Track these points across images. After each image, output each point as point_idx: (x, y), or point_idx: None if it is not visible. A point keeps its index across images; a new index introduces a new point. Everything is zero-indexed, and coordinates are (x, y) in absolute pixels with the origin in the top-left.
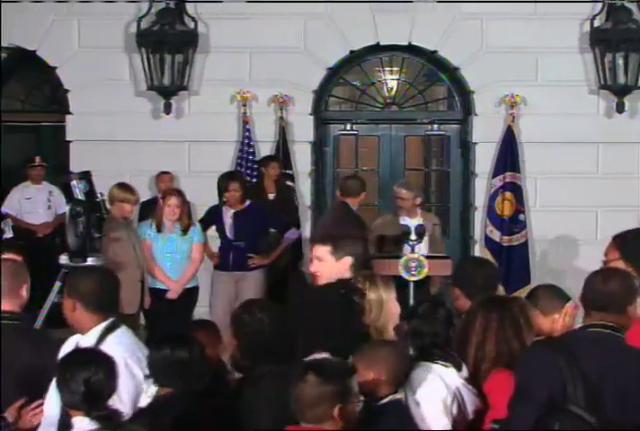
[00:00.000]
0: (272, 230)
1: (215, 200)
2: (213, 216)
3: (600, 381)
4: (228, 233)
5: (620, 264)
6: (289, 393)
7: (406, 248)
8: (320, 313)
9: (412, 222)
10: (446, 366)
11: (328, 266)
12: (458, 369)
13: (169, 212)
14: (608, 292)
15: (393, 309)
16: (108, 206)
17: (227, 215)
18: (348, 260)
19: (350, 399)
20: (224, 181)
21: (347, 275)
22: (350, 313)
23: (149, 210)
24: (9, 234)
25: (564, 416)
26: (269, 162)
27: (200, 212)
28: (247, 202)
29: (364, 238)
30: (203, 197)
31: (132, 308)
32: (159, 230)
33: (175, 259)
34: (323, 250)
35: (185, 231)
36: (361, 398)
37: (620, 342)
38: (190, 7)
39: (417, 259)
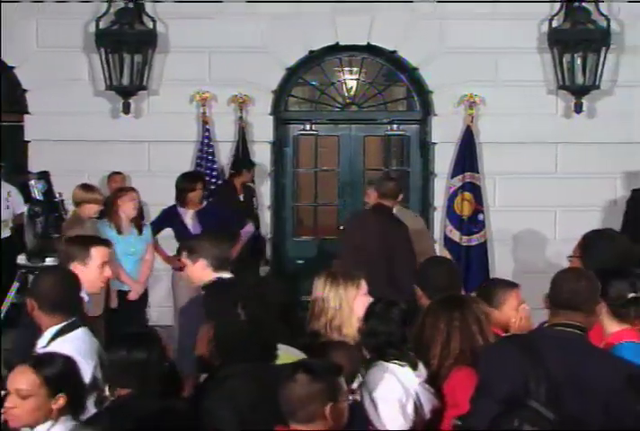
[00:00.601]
0: None
1: (171, 200)
2: (169, 218)
3: (563, 379)
4: (193, 233)
5: (578, 263)
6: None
7: None
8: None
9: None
10: (401, 365)
11: (189, 270)
12: (414, 368)
13: (130, 207)
14: (579, 291)
15: (356, 308)
16: (73, 207)
17: (187, 216)
18: (202, 262)
19: (340, 397)
20: (189, 181)
21: (207, 276)
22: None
23: None
24: None
25: (523, 411)
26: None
27: (158, 212)
28: (204, 202)
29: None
30: (163, 197)
31: (96, 310)
32: (119, 231)
33: (135, 260)
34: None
35: (140, 231)
36: (350, 397)
37: (585, 342)
38: (149, 7)
39: None
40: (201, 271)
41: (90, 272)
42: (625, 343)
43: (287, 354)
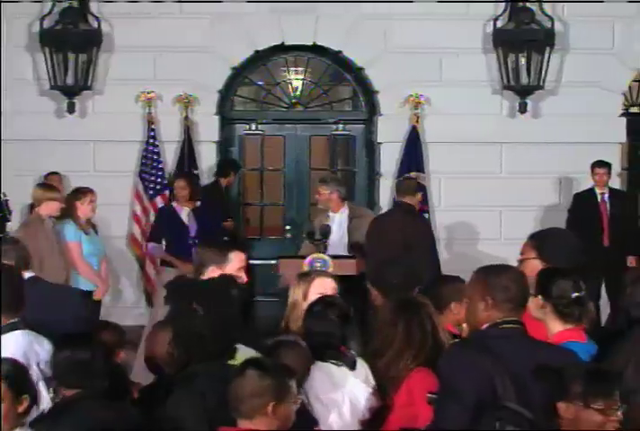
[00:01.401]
0: None
1: (116, 200)
2: (168, 217)
3: (524, 376)
4: (191, 231)
5: (536, 263)
6: (226, 391)
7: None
8: None
9: (335, 216)
10: (338, 365)
11: None
12: (352, 368)
13: (89, 209)
14: (514, 289)
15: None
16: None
17: (183, 214)
18: None
19: (286, 398)
20: (174, 178)
21: None
22: None
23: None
24: None
25: (503, 412)
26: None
27: (104, 212)
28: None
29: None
30: (108, 197)
31: None
32: (86, 231)
33: (98, 260)
34: None
35: (96, 231)
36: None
37: (529, 336)
38: (93, 6)
39: (322, 259)
40: None
41: None
42: (569, 343)
43: (244, 354)
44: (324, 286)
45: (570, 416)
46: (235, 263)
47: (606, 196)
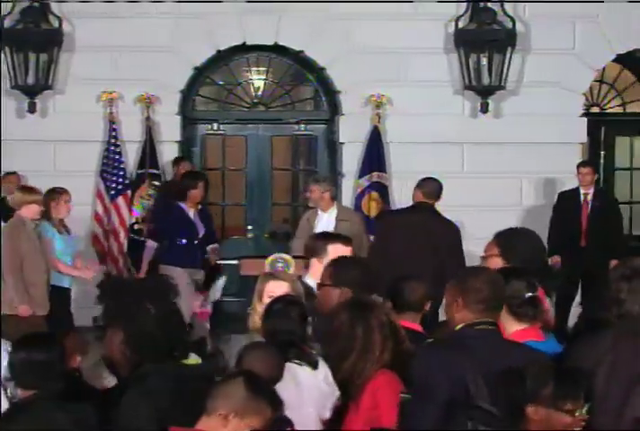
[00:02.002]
0: None
1: (78, 200)
2: (180, 218)
3: (494, 375)
4: (199, 231)
5: (498, 261)
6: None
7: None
8: None
9: (323, 215)
10: (299, 365)
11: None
12: (314, 367)
13: (65, 209)
14: (487, 290)
15: (260, 307)
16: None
17: (190, 214)
18: None
19: (247, 417)
20: (192, 179)
21: None
22: None
23: None
24: None
25: (475, 412)
26: (180, 162)
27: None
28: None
29: None
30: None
31: (43, 309)
32: (59, 231)
33: (71, 259)
34: None
35: (68, 231)
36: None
37: (504, 338)
38: (54, 6)
39: (283, 259)
40: None
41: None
42: (526, 342)
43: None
44: (276, 289)
45: (539, 418)
46: (332, 255)
47: (589, 196)
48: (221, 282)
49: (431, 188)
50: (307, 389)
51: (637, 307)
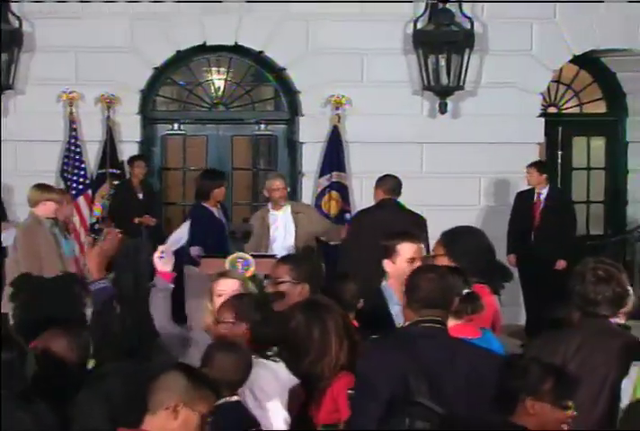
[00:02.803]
0: None
1: None
2: (209, 218)
3: (441, 373)
4: (225, 229)
5: (445, 260)
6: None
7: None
8: None
9: (278, 213)
10: (276, 361)
11: None
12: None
13: (70, 210)
14: (437, 289)
15: (210, 306)
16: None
17: (216, 213)
18: None
19: (196, 406)
20: (214, 178)
21: None
22: None
23: None
24: None
25: (414, 408)
26: (134, 161)
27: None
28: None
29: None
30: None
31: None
32: (62, 233)
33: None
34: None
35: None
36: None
37: (449, 336)
38: (14, 6)
39: (243, 258)
40: None
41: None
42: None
43: None
44: (225, 286)
45: (536, 412)
46: (404, 255)
47: (542, 195)
48: None
49: (391, 184)
50: (285, 385)
51: (610, 307)
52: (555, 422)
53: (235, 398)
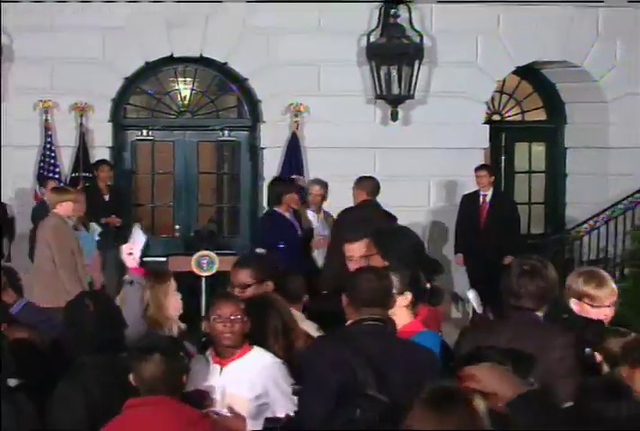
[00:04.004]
0: None
1: (17, 201)
2: (283, 223)
3: (384, 367)
4: (298, 233)
5: (377, 259)
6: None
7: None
8: None
9: (318, 217)
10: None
11: None
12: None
13: (81, 207)
14: (378, 289)
15: (166, 304)
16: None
17: (288, 218)
18: None
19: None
20: (284, 184)
21: None
22: None
23: None
24: None
25: (362, 400)
26: (99, 165)
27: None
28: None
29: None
30: (8, 198)
31: None
32: (77, 228)
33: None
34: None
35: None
36: None
37: (390, 333)
38: None
39: (208, 256)
40: None
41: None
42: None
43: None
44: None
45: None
46: (345, 253)
47: (488, 197)
48: None
49: (372, 186)
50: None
51: (534, 301)
52: None
53: None
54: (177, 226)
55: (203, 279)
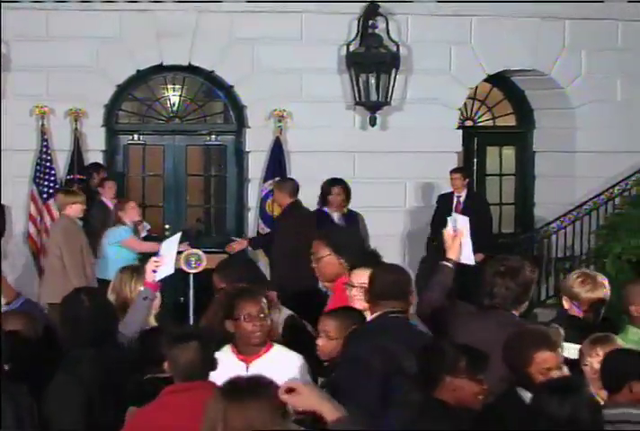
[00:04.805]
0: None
1: (15, 203)
2: (328, 223)
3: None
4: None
5: (332, 259)
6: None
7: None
8: None
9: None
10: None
11: None
12: None
13: (136, 213)
14: (397, 283)
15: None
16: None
17: (335, 218)
18: None
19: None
20: (328, 185)
21: None
22: None
23: None
24: None
25: (409, 383)
26: (98, 169)
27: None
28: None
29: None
30: (7, 200)
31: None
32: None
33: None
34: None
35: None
36: None
37: (409, 324)
38: None
39: (196, 254)
40: None
41: None
42: None
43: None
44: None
45: (455, 387)
46: None
47: (462, 198)
48: None
49: (293, 187)
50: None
51: (508, 300)
52: (473, 395)
53: None
54: (167, 226)
55: (191, 276)
